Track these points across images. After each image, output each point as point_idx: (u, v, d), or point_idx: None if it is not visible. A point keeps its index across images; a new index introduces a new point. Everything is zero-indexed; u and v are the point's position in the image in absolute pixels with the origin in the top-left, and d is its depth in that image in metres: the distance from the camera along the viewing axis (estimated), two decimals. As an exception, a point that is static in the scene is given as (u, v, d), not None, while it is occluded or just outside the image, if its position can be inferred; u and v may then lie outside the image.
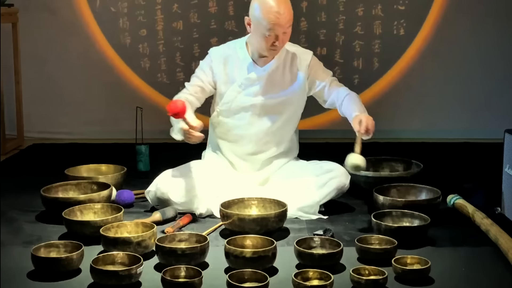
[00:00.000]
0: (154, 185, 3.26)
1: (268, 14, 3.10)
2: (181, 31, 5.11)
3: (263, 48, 3.22)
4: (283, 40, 3.18)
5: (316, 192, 3.21)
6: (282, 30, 3.14)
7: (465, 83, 5.15)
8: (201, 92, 3.41)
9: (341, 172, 3.27)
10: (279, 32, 3.13)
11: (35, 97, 5.13)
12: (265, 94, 3.32)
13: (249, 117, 3.35)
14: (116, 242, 2.67)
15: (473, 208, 3.16)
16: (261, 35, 3.16)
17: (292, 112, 3.39)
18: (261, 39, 3.17)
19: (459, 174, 4.06)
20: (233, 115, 3.38)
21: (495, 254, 2.76)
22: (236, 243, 2.68)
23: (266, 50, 3.21)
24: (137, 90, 5.15)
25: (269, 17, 3.10)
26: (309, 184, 3.23)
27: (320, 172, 3.27)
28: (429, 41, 5.10)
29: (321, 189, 3.22)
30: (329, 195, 3.24)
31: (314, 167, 3.32)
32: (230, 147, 3.44)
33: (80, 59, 5.12)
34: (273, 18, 3.10)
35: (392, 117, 5.13)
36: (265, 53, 3.25)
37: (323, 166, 3.32)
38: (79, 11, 5.08)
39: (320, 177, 3.24)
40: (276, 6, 3.10)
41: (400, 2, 5.07)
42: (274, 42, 3.16)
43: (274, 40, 3.15)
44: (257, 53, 3.28)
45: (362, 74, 5.13)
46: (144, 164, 3.97)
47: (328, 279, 2.39)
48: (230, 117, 3.39)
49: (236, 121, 3.38)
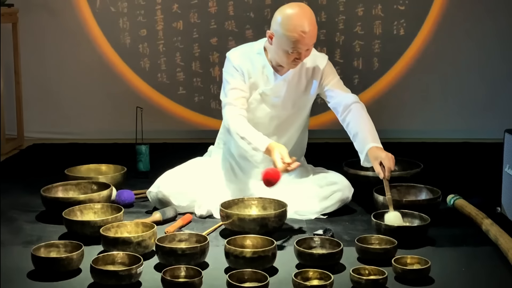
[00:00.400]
0: (156, 187, 3.25)
1: (293, 32, 2.97)
2: (181, 31, 5.11)
3: (283, 62, 3.11)
4: (305, 56, 3.08)
5: (318, 203, 3.20)
6: (306, 47, 3.04)
7: (465, 83, 5.15)
8: (246, 102, 3.21)
9: (345, 185, 3.25)
10: (302, 50, 3.03)
11: (35, 97, 5.13)
12: (283, 102, 3.24)
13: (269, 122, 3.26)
14: (116, 242, 2.67)
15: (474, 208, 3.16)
16: (283, 51, 3.04)
17: (305, 115, 3.37)
18: (282, 54, 3.06)
19: (459, 174, 4.06)
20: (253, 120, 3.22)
21: (495, 254, 2.76)
22: (236, 243, 2.68)
23: (286, 64, 3.12)
24: (137, 90, 5.15)
25: (293, 36, 2.98)
26: (311, 194, 3.21)
27: (324, 183, 3.25)
28: (429, 41, 5.10)
29: (324, 201, 3.21)
30: (330, 208, 3.22)
31: (318, 177, 3.30)
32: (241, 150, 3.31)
33: (80, 59, 5.12)
34: (298, 36, 2.97)
35: (392, 117, 5.13)
36: (285, 66, 3.16)
37: (328, 177, 3.29)
38: (79, 11, 5.08)
39: (323, 188, 3.22)
40: (302, 24, 2.97)
41: (400, 2, 5.07)
42: (296, 58, 3.06)
43: (297, 57, 3.05)
44: (275, 62, 3.18)
45: (362, 74, 5.13)
46: (144, 164, 3.97)
47: (328, 279, 2.39)
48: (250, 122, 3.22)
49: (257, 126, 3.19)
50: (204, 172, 3.34)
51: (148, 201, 3.38)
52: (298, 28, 2.97)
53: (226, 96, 3.17)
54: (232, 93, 3.16)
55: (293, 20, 2.99)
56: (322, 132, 5.01)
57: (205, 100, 5.17)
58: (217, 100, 5.14)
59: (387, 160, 3.04)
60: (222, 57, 5.05)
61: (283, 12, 3.04)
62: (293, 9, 3.03)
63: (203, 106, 5.17)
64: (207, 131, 5.06)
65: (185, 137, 5.07)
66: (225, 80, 3.21)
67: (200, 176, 3.31)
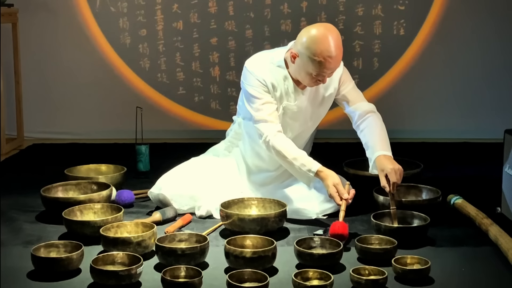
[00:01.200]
0: (158, 188, 3.25)
1: (319, 56, 2.90)
2: (181, 31, 5.11)
3: (305, 82, 3.06)
4: (329, 77, 3.05)
5: (317, 205, 3.19)
6: (330, 71, 2.98)
7: (465, 83, 5.14)
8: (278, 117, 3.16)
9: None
10: (326, 74, 2.99)
11: (35, 97, 5.13)
12: (304, 116, 3.22)
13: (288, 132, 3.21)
14: (116, 242, 2.67)
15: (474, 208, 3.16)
16: (306, 72, 2.99)
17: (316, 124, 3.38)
18: (305, 75, 3.00)
19: (459, 174, 4.06)
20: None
21: (495, 254, 2.76)
22: (236, 243, 2.68)
23: (307, 84, 3.07)
24: (137, 90, 5.15)
25: (320, 60, 2.91)
26: (311, 197, 3.20)
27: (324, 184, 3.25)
28: (429, 41, 5.10)
29: (324, 203, 3.20)
30: (330, 210, 3.21)
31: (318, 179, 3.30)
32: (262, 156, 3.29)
33: (80, 59, 5.12)
34: (324, 62, 2.90)
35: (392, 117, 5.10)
36: (306, 85, 3.11)
37: None
38: (79, 11, 5.07)
39: (323, 190, 3.22)
40: (329, 49, 2.90)
41: (400, 2, 5.07)
42: (319, 80, 3.01)
43: (320, 79, 3.00)
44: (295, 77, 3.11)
45: (362, 74, 5.13)
46: (144, 164, 3.97)
47: (328, 279, 2.39)
48: None
49: None
50: (206, 173, 3.33)
51: (148, 201, 3.39)
52: (324, 53, 2.90)
53: (258, 111, 3.09)
54: (265, 108, 3.08)
55: (319, 45, 2.90)
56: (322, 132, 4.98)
57: (205, 100, 5.17)
58: (217, 100, 5.14)
59: (393, 174, 3.00)
60: (222, 57, 5.08)
61: (309, 34, 2.95)
62: (319, 32, 2.94)
63: (203, 106, 5.17)
64: (207, 131, 5.06)
65: (185, 137, 5.07)
66: (250, 94, 3.11)
67: (201, 177, 3.31)
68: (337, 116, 4.91)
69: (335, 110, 3.45)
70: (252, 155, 3.33)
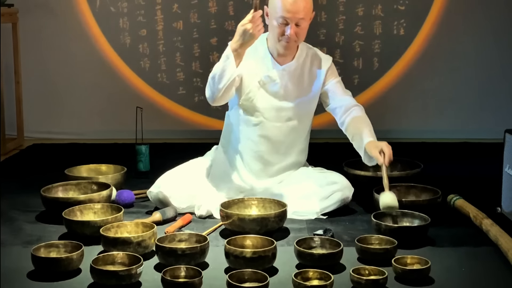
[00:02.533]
0: (157, 187, 3.25)
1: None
2: (181, 31, 5.11)
3: (275, 39, 3.15)
4: (297, 33, 3.11)
5: (317, 203, 3.19)
6: (294, 19, 3.07)
7: (465, 83, 5.15)
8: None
9: (345, 185, 3.25)
10: (291, 21, 3.07)
11: (35, 97, 5.13)
12: (284, 94, 3.26)
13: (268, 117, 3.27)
14: (116, 242, 2.67)
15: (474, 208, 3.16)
16: (273, 22, 3.12)
17: (307, 114, 3.35)
18: (273, 27, 3.14)
19: (459, 174, 4.06)
20: (253, 112, 3.27)
21: (495, 254, 2.76)
22: (236, 243, 2.68)
23: (277, 41, 3.15)
24: (137, 90, 5.16)
25: (282, 3, 3.06)
26: (310, 194, 3.21)
27: (324, 183, 3.24)
28: (429, 41, 5.10)
29: (324, 201, 3.20)
30: (330, 207, 3.22)
31: (318, 177, 3.29)
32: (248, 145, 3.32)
33: (80, 59, 5.12)
34: (287, 4, 3.05)
35: (392, 117, 5.13)
36: (278, 47, 3.18)
37: (328, 177, 3.29)
38: (79, 11, 5.08)
39: (323, 188, 3.22)
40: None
41: (400, 2, 5.07)
42: (285, 33, 3.11)
43: (285, 30, 3.10)
44: (275, 50, 3.22)
45: (362, 74, 5.13)
46: (144, 164, 3.97)
47: (328, 279, 2.39)
48: (250, 115, 3.28)
49: (255, 118, 3.27)
50: (204, 174, 3.34)
51: (148, 201, 3.38)
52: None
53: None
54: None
55: None
56: (322, 132, 5.01)
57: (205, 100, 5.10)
58: (217, 100, 5.13)
59: (387, 147, 3.07)
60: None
61: None
62: None
63: (203, 106, 5.16)
64: (207, 131, 5.06)
65: (185, 137, 5.07)
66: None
67: (200, 177, 3.31)
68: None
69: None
70: (243, 141, 3.31)
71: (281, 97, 3.26)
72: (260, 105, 3.25)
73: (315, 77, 3.29)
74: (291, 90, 3.27)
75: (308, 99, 3.31)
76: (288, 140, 3.32)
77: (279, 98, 3.26)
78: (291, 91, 3.27)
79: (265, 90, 3.25)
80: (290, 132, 3.32)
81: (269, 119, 3.27)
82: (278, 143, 3.31)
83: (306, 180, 3.29)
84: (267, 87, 3.25)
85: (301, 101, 3.30)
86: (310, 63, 3.29)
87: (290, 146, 3.34)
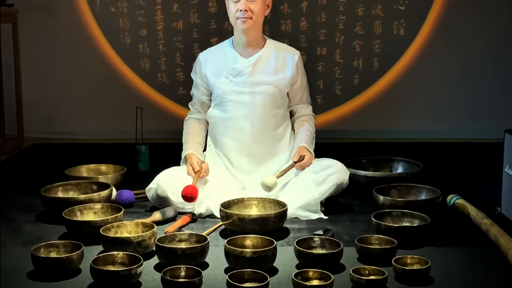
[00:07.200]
0: (155, 182, 3.26)
1: None
2: (181, 31, 5.11)
3: (234, 23, 3.33)
4: (250, 9, 3.26)
5: (315, 189, 3.21)
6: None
7: (465, 83, 5.14)
8: (202, 105, 3.55)
9: (340, 168, 3.27)
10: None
11: (35, 97, 5.13)
12: (252, 84, 3.36)
13: (241, 108, 3.36)
14: (116, 242, 2.68)
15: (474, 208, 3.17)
16: (230, 6, 3.31)
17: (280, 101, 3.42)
18: (231, 12, 3.31)
19: (459, 174, 4.06)
20: (226, 107, 3.39)
21: (495, 254, 2.76)
22: (236, 243, 2.68)
23: (236, 23, 3.31)
24: (137, 90, 5.15)
25: None
26: (307, 181, 3.23)
27: (318, 168, 3.27)
28: (429, 41, 5.10)
29: (320, 185, 3.22)
30: (328, 191, 3.23)
31: (313, 165, 3.32)
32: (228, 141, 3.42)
33: (80, 59, 5.12)
34: None
35: (392, 117, 5.13)
36: (239, 29, 3.33)
37: (321, 162, 3.32)
38: (79, 11, 5.08)
39: (319, 174, 3.24)
40: None
41: (400, 2, 5.06)
42: (240, 10, 3.26)
43: (239, 7, 3.26)
44: (240, 44, 3.38)
45: (362, 74, 5.13)
46: (144, 164, 3.97)
47: (328, 279, 2.39)
48: (223, 110, 3.40)
49: (229, 113, 3.38)
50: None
51: (148, 201, 3.38)
52: None
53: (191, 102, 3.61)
54: (193, 99, 3.58)
55: None
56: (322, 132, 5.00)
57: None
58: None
59: (308, 158, 3.28)
60: (222, 57, 5.07)
61: None
62: None
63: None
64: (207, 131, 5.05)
65: (185, 137, 5.06)
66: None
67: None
68: (337, 116, 4.91)
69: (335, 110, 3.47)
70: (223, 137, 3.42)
71: (250, 87, 3.36)
72: (231, 98, 3.37)
73: (285, 67, 3.41)
74: (259, 80, 3.37)
75: (279, 87, 3.40)
76: (265, 128, 3.38)
77: (248, 88, 3.36)
78: (259, 81, 3.37)
79: (233, 84, 3.37)
80: (265, 122, 3.38)
81: (242, 111, 3.36)
82: (257, 134, 3.37)
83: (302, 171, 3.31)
84: (235, 80, 3.37)
85: (271, 89, 3.38)
86: (277, 53, 3.42)
87: (269, 135, 3.39)
